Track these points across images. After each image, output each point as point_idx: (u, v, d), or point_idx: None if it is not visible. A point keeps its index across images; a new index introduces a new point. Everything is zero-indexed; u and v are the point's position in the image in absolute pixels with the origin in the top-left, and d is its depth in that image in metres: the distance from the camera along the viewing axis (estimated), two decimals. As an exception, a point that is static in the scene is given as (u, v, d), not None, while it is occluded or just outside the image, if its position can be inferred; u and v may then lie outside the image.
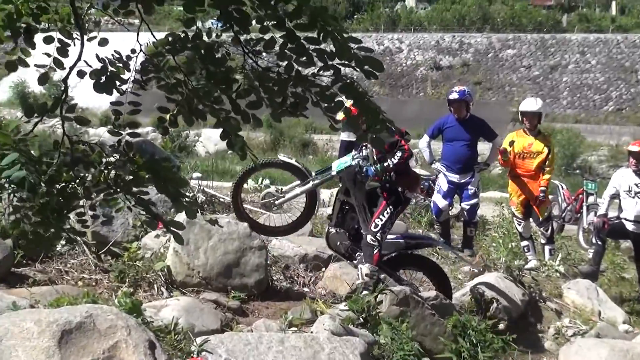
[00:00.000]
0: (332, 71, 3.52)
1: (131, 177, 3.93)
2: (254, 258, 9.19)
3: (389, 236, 9.09)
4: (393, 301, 8.06)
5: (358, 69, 3.43)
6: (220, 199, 13.26)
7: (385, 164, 8.84)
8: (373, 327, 7.78)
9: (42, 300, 7.61)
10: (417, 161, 23.05)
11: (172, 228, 3.87)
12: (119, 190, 3.96)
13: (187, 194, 4.55)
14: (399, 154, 8.81)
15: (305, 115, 3.81)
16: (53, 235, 4.01)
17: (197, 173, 14.75)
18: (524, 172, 12.50)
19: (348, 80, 3.53)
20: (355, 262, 9.15)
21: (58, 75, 4.65)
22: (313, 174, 9.18)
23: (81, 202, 4.17)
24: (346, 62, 3.40)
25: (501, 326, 9.26)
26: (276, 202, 9.32)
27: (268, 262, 9.33)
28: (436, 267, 9.80)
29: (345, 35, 3.29)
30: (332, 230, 9.15)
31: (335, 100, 3.61)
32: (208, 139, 42.77)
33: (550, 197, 14.09)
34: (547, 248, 12.78)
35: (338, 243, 9.10)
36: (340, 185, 9.23)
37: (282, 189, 9.61)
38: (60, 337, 5.08)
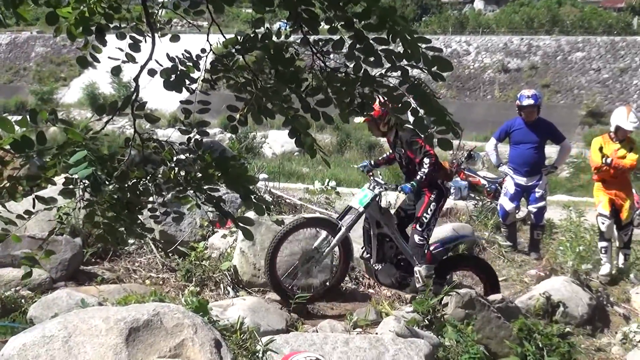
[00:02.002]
0: (399, 72, 3.51)
1: (201, 175, 3.96)
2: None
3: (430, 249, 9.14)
4: (458, 303, 8.01)
5: (426, 71, 3.41)
6: (287, 200, 13.28)
7: (418, 177, 8.80)
8: (438, 329, 7.74)
9: (110, 298, 7.72)
10: (483, 164, 22.87)
11: (241, 224, 3.89)
12: (189, 187, 4.00)
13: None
14: (426, 161, 8.77)
15: (373, 115, 3.81)
16: (124, 231, 4.06)
17: (263, 174, 14.78)
18: (610, 177, 12.25)
19: (415, 81, 3.51)
20: (406, 290, 9.27)
21: (127, 76, 4.73)
22: (339, 221, 8.87)
23: (152, 199, 4.22)
24: (414, 64, 3.39)
25: (567, 330, 9.16)
26: (319, 262, 8.90)
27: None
28: (481, 262, 9.89)
29: (414, 35, 3.28)
30: (378, 266, 9.13)
31: (403, 101, 3.60)
32: (274, 141, 42.87)
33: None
34: (622, 252, 12.53)
35: (388, 277, 9.10)
36: (367, 219, 9.14)
37: (316, 246, 8.98)
38: (128, 334, 5.12)
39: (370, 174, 9.42)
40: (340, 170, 28.06)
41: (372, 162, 9.74)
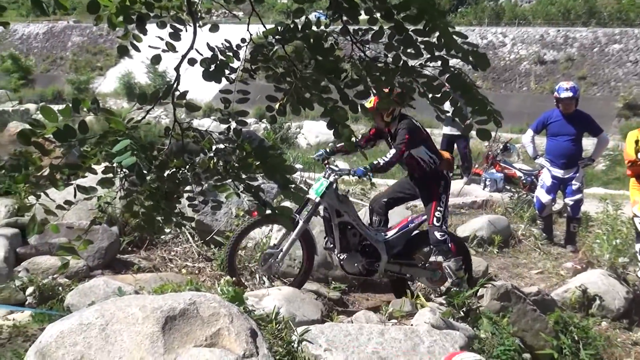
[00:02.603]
0: (439, 62, 3.50)
1: (240, 164, 3.96)
2: (356, 250, 9.18)
3: (390, 233, 9.06)
4: (494, 295, 8.00)
5: (464, 61, 3.40)
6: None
7: (375, 162, 8.69)
8: (473, 321, 7.74)
9: (147, 286, 7.75)
10: (519, 156, 22.76)
11: (279, 214, 3.90)
12: (228, 176, 4.01)
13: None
14: (393, 151, 8.62)
15: (412, 105, 3.80)
16: (163, 219, 4.08)
17: (298, 165, 14.79)
18: None
19: (455, 71, 3.50)
20: (375, 276, 9.19)
21: (162, 66, 4.75)
22: (296, 215, 8.59)
23: (191, 188, 4.24)
24: (454, 54, 3.38)
25: (604, 324, 9.12)
26: (277, 260, 8.70)
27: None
28: (454, 238, 9.63)
29: (451, 30, 3.27)
30: (342, 255, 8.88)
31: (442, 91, 3.59)
32: (309, 131, 42.89)
33: None
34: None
35: (355, 265, 8.88)
36: (327, 209, 8.88)
37: (274, 243, 8.97)
38: (164, 323, 5.14)
39: (326, 162, 9.29)
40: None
41: (328, 150, 9.51)
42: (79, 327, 5.11)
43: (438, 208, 8.76)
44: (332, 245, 8.96)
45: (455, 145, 17.58)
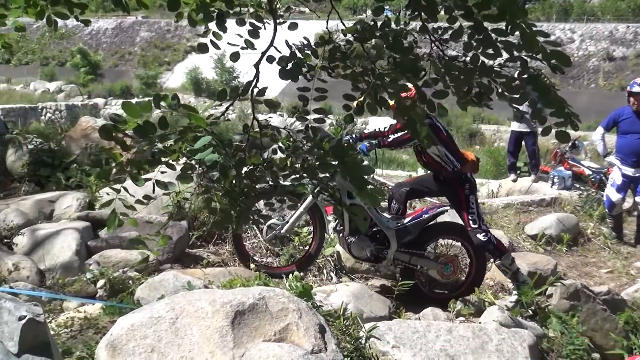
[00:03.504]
0: (518, 62, 3.47)
1: (317, 163, 3.96)
2: (422, 247, 9.15)
3: (403, 221, 8.84)
4: (563, 295, 7.93)
5: (545, 62, 3.36)
6: (389, 187, 13.24)
7: (383, 139, 8.64)
8: (542, 320, 7.69)
9: (216, 281, 7.79)
10: (586, 154, 22.49)
11: (355, 213, 3.90)
12: (304, 175, 4.01)
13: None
14: (399, 134, 8.50)
15: (490, 106, 3.77)
16: (240, 216, 4.10)
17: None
18: None
19: (535, 72, 3.47)
20: (382, 263, 8.97)
21: (230, 62, 4.77)
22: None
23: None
24: (533, 55, 3.34)
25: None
26: (282, 232, 8.78)
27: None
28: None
29: (533, 28, 3.24)
30: (351, 239, 8.69)
31: (521, 92, 3.55)
32: (374, 127, 42.80)
33: None
34: None
35: (362, 250, 8.70)
36: (338, 190, 8.14)
37: (283, 216, 8.99)
38: (234, 317, 5.16)
39: None
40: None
41: (355, 136, 9.22)
42: (149, 320, 5.15)
43: (469, 211, 8.58)
44: (341, 228, 8.83)
45: (524, 142, 17.43)
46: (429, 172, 9.20)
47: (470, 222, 8.54)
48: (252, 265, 8.47)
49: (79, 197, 10.68)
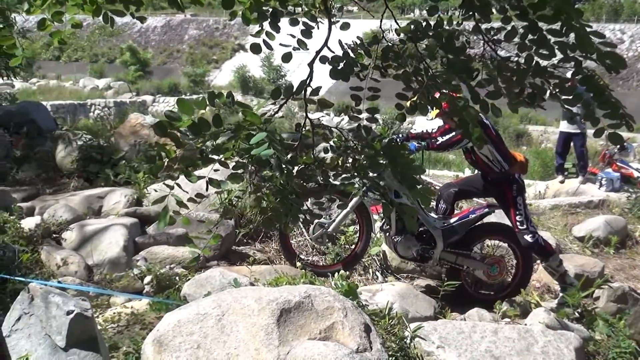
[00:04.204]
0: (567, 63, 3.45)
1: (369, 162, 3.96)
2: (469, 246, 9.13)
3: (450, 221, 8.76)
4: (611, 297, 7.89)
5: (599, 63, 3.33)
6: (436, 187, 13.21)
7: (432, 140, 8.52)
8: (588, 323, 7.63)
9: (261, 278, 7.82)
10: (635, 155, 22.28)
11: (405, 213, 3.90)
12: (355, 174, 4.01)
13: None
14: (452, 134, 8.33)
15: (543, 107, 3.74)
16: (291, 215, 4.11)
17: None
18: None
19: (589, 73, 3.44)
20: (428, 263, 8.86)
21: (278, 60, 4.78)
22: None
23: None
24: (587, 55, 3.31)
25: None
26: (329, 231, 8.73)
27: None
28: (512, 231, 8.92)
29: (588, 30, 3.21)
30: (398, 238, 8.62)
31: (575, 93, 3.53)
32: (421, 127, 42.68)
33: None
34: None
35: (409, 249, 8.62)
36: (386, 188, 8.51)
37: (329, 215, 9.02)
38: (280, 315, 5.17)
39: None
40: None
41: (402, 136, 9.05)
42: (195, 316, 5.19)
43: (517, 212, 8.46)
44: (388, 227, 8.79)
45: (572, 144, 17.31)
46: (476, 172, 9.15)
47: (518, 223, 8.44)
48: (298, 264, 8.48)
49: (127, 193, 10.77)
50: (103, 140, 13.61)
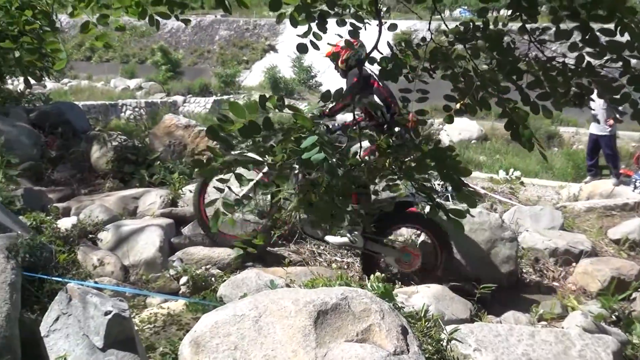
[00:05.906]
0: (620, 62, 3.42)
1: (416, 164, 3.95)
2: (505, 249, 9.12)
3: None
4: (648, 301, 7.84)
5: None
6: (469, 189, 13.14)
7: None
8: (626, 326, 7.59)
9: (297, 280, 7.83)
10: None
11: (452, 216, 3.88)
12: (402, 176, 4.00)
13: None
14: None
15: (591, 107, 3.72)
16: (337, 217, 4.10)
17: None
18: None
19: (637, 73, 3.41)
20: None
21: (308, 60, 4.79)
22: None
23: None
24: (636, 54, 3.28)
25: None
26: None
27: (518, 254, 9.17)
28: (429, 220, 8.59)
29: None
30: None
31: (622, 92, 3.49)
32: (453, 127, 42.45)
33: None
34: None
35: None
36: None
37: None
38: (317, 317, 5.16)
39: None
40: (518, 160, 27.57)
41: (315, 112, 8.86)
42: (232, 318, 5.19)
43: None
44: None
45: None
46: None
47: None
48: (333, 265, 8.48)
49: (162, 194, 10.80)
50: (138, 140, 13.66)
